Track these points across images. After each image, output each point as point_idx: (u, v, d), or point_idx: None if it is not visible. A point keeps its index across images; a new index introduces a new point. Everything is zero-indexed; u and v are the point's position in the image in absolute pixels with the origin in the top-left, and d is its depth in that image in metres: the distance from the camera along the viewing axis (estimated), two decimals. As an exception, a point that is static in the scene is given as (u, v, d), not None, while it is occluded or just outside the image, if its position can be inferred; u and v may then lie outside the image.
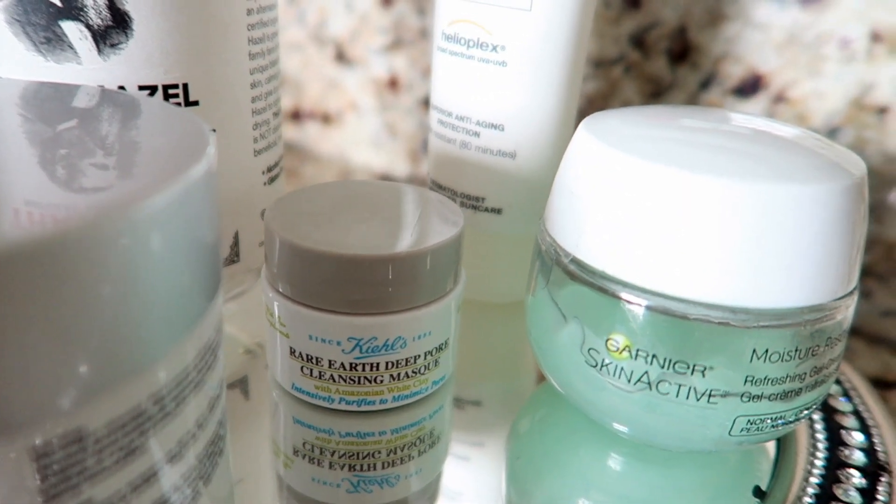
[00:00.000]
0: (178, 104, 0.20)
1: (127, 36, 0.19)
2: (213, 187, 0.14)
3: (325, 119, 0.47)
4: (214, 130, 0.22)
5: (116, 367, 0.12)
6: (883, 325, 0.31)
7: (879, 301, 0.30)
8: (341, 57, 0.44)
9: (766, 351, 0.16)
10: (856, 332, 0.31)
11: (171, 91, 0.20)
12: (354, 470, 0.20)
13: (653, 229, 0.17)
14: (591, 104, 0.35)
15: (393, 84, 0.43)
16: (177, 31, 0.20)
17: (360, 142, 0.46)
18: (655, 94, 0.33)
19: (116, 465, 0.12)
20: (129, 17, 0.19)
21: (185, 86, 0.20)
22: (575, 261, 0.18)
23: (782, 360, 0.16)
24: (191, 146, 0.14)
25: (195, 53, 0.20)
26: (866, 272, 0.30)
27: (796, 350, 0.16)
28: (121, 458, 0.12)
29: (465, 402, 0.24)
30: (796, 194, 0.16)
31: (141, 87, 0.20)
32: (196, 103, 0.21)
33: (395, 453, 0.21)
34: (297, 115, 0.48)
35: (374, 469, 0.20)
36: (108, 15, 0.19)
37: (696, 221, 0.16)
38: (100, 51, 0.19)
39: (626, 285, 0.17)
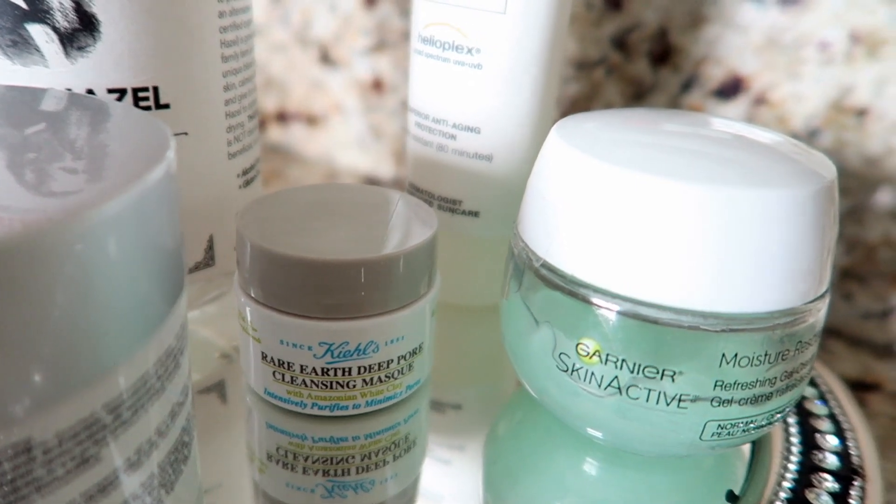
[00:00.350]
0: (149, 107, 0.20)
1: (94, 38, 0.19)
2: (173, 192, 0.14)
3: (311, 121, 0.47)
4: (186, 133, 0.21)
5: (70, 375, 0.11)
6: (863, 327, 0.31)
7: (860, 303, 0.30)
8: (325, 58, 0.44)
9: (736, 355, 0.16)
10: (836, 334, 0.31)
11: (140, 94, 0.20)
12: (328, 475, 0.20)
13: (623, 234, 0.16)
14: (574, 105, 0.35)
15: (377, 86, 0.42)
16: (146, 33, 0.19)
17: (346, 143, 0.46)
18: (637, 95, 0.33)
19: (69, 475, 0.12)
20: (96, 20, 0.19)
21: (156, 89, 0.20)
22: (546, 265, 0.18)
23: (752, 365, 0.16)
24: (150, 150, 0.14)
25: (165, 56, 0.20)
26: (847, 274, 0.30)
27: (766, 354, 0.16)
28: (73, 468, 0.12)
29: (446, 406, 0.24)
30: (765, 199, 0.16)
31: (110, 91, 0.19)
32: (167, 106, 0.21)
33: (370, 458, 0.20)
34: (282, 117, 0.48)
35: (349, 474, 0.20)
36: (75, 17, 0.18)
37: (665, 226, 0.16)
38: (67, 54, 0.19)
39: (596, 290, 0.17)
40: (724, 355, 0.16)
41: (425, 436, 0.22)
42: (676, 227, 0.16)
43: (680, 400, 0.17)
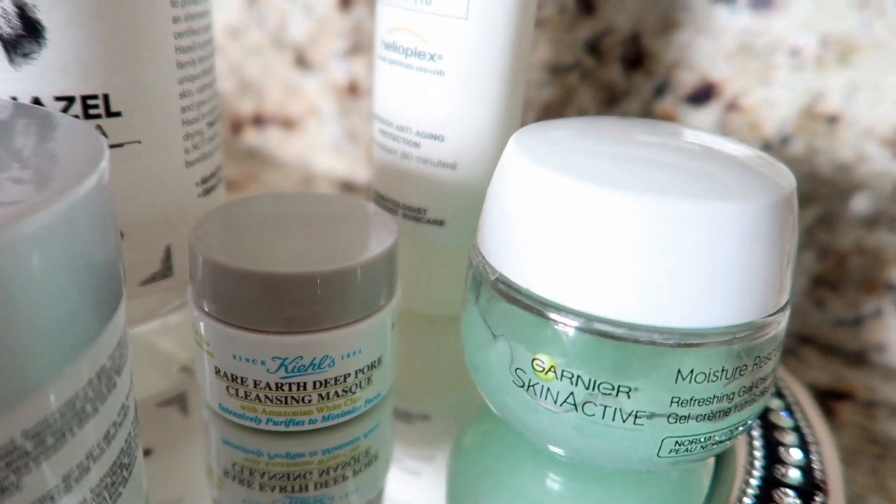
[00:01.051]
0: (99, 115, 0.20)
1: (40, 45, 0.18)
2: (106, 204, 0.14)
3: (286, 124, 0.46)
4: (140, 142, 0.21)
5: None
6: (835, 335, 0.30)
7: (832, 310, 0.30)
8: (301, 61, 0.43)
9: (692, 371, 0.16)
10: (808, 341, 0.31)
11: (90, 102, 0.19)
12: (286, 491, 0.19)
13: (577, 248, 0.16)
14: (547, 110, 0.35)
15: (352, 89, 0.42)
16: (94, 39, 0.19)
17: (321, 147, 0.45)
18: (610, 101, 0.33)
19: (-16, 506, 0.11)
20: (41, 26, 0.18)
21: (106, 96, 0.20)
22: (501, 278, 0.18)
23: (709, 381, 0.16)
24: (81, 162, 0.13)
25: (116, 63, 0.19)
26: (819, 281, 0.30)
27: (723, 370, 0.16)
28: (-13, 498, 0.11)
29: (413, 416, 0.24)
30: (721, 211, 0.15)
31: (57, 98, 0.19)
32: (119, 114, 0.20)
33: (328, 473, 0.20)
34: (258, 120, 0.47)
35: (307, 490, 0.20)
36: (19, 23, 0.18)
37: (620, 240, 0.16)
38: (11, 60, 0.18)
39: (551, 305, 0.17)
40: (679, 371, 0.16)
41: (389, 449, 0.22)
42: (631, 241, 0.16)
43: (636, 416, 0.16)
